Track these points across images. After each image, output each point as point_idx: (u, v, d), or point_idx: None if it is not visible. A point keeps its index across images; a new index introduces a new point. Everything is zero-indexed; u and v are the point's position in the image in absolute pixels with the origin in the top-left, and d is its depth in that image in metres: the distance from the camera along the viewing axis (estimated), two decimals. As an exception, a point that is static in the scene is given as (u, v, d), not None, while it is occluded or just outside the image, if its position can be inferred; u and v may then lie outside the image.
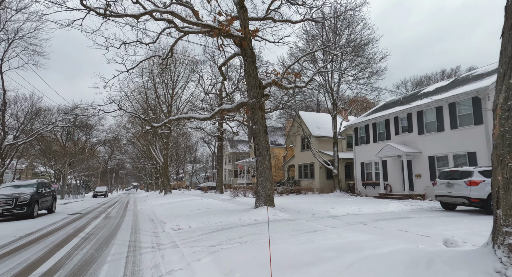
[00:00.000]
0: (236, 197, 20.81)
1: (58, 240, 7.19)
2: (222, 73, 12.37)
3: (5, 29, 18.65)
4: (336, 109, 22.82)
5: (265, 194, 10.67)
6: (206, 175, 69.62)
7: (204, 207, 14.56)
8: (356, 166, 21.34)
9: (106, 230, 8.89)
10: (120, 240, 7.31)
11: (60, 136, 37.68)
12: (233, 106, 11.42)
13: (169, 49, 14.26)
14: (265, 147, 10.85)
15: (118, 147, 59.06)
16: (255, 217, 9.53)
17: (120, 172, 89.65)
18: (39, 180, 14.32)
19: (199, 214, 11.44)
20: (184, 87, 30.47)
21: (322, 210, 10.82)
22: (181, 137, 41.47)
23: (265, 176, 10.72)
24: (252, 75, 10.86)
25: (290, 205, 13.83)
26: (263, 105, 10.98)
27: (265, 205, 10.56)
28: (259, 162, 10.81)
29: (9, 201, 11.60)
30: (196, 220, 9.65)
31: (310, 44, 21.94)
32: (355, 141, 21.68)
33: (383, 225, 7.36)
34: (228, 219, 9.46)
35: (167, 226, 9.17)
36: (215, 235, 7.33)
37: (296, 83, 14.00)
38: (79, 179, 60.93)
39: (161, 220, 10.85)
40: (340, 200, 15.83)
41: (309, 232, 6.87)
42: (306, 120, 27.18)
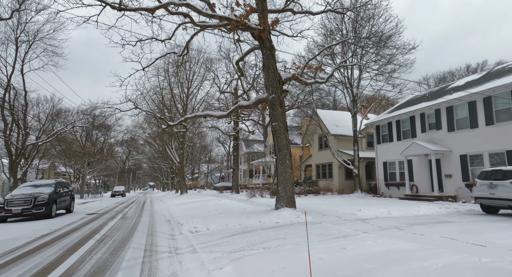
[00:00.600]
0: (252, 197, 20.31)
1: (72, 243, 6.89)
2: (239, 69, 11.88)
3: (25, 31, 19.02)
4: (356, 107, 21.88)
5: (286, 194, 10.09)
6: (221, 175, 69.62)
7: (221, 207, 14.13)
8: (378, 165, 20.35)
9: (122, 231, 8.57)
10: (136, 243, 6.93)
11: (80, 137, 38.49)
12: (251, 103, 10.89)
13: (184, 46, 13.93)
14: (286, 145, 10.27)
15: (135, 147, 60.00)
16: (276, 219, 8.96)
17: (137, 172, 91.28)
18: (57, 180, 14.32)
19: (216, 215, 11.00)
20: (199, 87, 30.33)
21: (347, 212, 10.11)
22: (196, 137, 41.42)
23: (285, 176, 10.13)
24: (272, 69, 10.30)
25: (311, 206, 13.16)
26: (283, 101, 10.40)
27: (286, 207, 9.98)
28: (279, 161, 10.23)
29: (28, 201, 11.57)
30: (214, 222, 9.19)
31: (329, 40, 21.13)
32: (377, 139, 20.69)
33: (422, 231, 6.62)
34: (248, 221, 8.95)
35: (184, 228, 8.76)
36: (236, 239, 6.82)
37: (316, 79, 13.33)
38: (98, 179, 62.34)
39: (178, 221, 10.47)
40: (363, 202, 15.00)
41: (338, 238, 6.24)
42: (324, 118, 26.33)
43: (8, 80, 19.72)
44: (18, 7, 16.14)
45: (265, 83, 10.54)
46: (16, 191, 12.58)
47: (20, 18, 18.49)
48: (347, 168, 24.36)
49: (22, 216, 11.53)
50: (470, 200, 13.56)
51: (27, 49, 19.71)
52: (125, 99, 13.54)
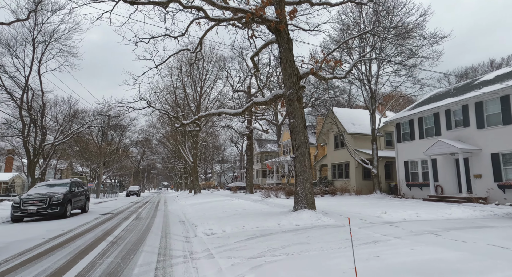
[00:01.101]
0: (267, 197, 19.83)
1: (84, 245, 6.62)
2: (255, 64, 11.42)
3: (42, 31, 19.26)
4: (374, 104, 21.03)
5: (305, 195, 9.55)
6: (234, 174, 69.45)
7: (236, 208, 13.72)
8: (399, 165, 19.44)
9: (135, 233, 8.27)
10: (149, 246, 6.58)
11: (96, 137, 39.13)
12: (267, 99, 10.41)
13: (198, 42, 13.61)
14: (304, 143, 9.73)
15: (149, 147, 60.69)
16: (295, 221, 8.45)
17: (152, 172, 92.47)
18: (72, 179, 14.29)
19: (231, 217, 10.58)
20: (212, 86, 30.12)
21: (371, 215, 9.48)
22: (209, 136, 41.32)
23: (304, 176, 9.60)
24: (289, 64, 9.79)
25: (330, 207, 12.55)
26: (301, 96, 9.87)
27: (306, 208, 9.44)
28: (298, 160, 9.71)
29: (43, 200, 11.51)
30: (229, 224, 8.77)
31: (346, 35, 20.37)
32: (397, 137, 19.78)
33: (462, 237, 5.96)
34: (266, 223, 8.47)
35: (199, 230, 8.38)
36: (254, 243, 6.36)
37: (334, 74, 12.72)
38: (114, 179, 63.43)
39: (192, 222, 10.12)
40: (385, 203, 14.25)
41: (368, 243, 5.67)
42: (340, 116, 25.53)
43: (25, 81, 20.05)
44: (35, 8, 16.30)
45: (282, 78, 10.03)
46: (32, 191, 12.60)
47: (37, 19, 18.77)
48: (364, 167, 23.49)
49: (37, 216, 11.48)
50: (503, 202, 12.59)
51: (44, 50, 20.00)
52: (138, 97, 13.34)
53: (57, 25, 19.17)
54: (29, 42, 19.54)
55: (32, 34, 19.32)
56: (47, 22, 19.05)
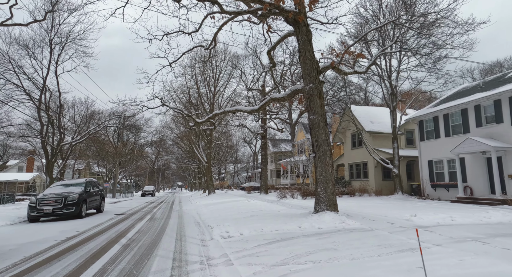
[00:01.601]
0: (283, 198, 19.27)
1: (96, 248, 6.31)
2: (271, 59, 10.93)
3: (58, 33, 19.51)
4: (395, 101, 20.09)
5: (326, 196, 8.97)
6: (248, 174, 69.13)
7: (252, 209, 13.25)
8: (422, 164, 18.44)
9: (149, 235, 7.94)
10: (163, 249, 6.21)
11: (112, 137, 39.71)
12: (285, 95, 9.89)
13: (212, 38, 13.24)
14: (325, 141, 9.15)
15: (164, 148, 61.27)
16: (318, 224, 7.89)
17: (166, 172, 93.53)
18: (88, 179, 14.23)
19: (248, 218, 10.12)
20: (226, 85, 29.83)
21: (399, 218, 8.79)
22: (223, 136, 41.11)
23: (326, 175, 9.02)
24: (309, 57, 9.23)
25: (351, 209, 11.90)
26: (321, 91, 9.29)
27: (327, 210, 8.86)
28: (318, 159, 9.14)
29: (59, 200, 11.43)
30: (247, 226, 8.31)
31: (365, 29, 19.55)
32: (420, 135, 18.78)
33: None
34: (285, 226, 7.95)
35: (215, 232, 7.96)
36: (275, 248, 5.87)
37: (355, 68, 12.05)
38: (130, 179, 64.44)
39: (208, 224, 9.72)
40: (411, 205, 13.42)
41: (404, 251, 5.06)
42: (357, 114, 24.64)
43: (43, 82, 20.35)
44: (51, 9, 16.44)
45: (301, 72, 9.48)
46: (48, 190, 12.58)
47: (54, 20, 19.00)
48: (384, 167, 22.54)
49: (53, 216, 11.41)
50: (543, 205, 11.56)
51: (60, 51, 20.24)
52: (152, 96, 13.10)
53: (73, 25, 19.40)
54: (47, 43, 19.83)
55: (49, 35, 19.62)
56: (64, 23, 19.31)
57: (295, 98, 10.97)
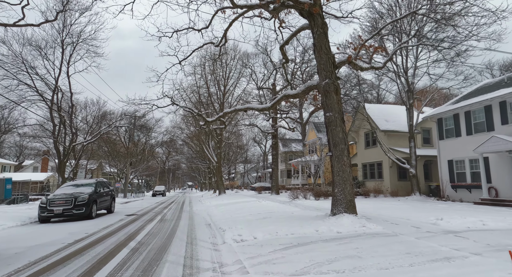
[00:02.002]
0: (295, 199, 18.79)
1: (104, 252, 6.02)
2: (284, 54, 10.50)
3: (70, 33, 19.59)
4: (412, 98, 19.31)
5: (344, 198, 8.47)
6: (258, 175, 68.73)
7: (264, 210, 12.84)
8: (442, 164, 17.63)
9: (159, 238, 7.62)
10: (173, 254, 5.87)
11: (124, 138, 40.03)
12: (300, 91, 9.43)
13: (222, 35, 12.90)
14: (343, 139, 8.66)
15: (174, 148, 61.56)
16: (336, 228, 7.41)
17: (177, 172, 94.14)
18: (98, 179, 14.11)
19: (261, 220, 9.71)
20: (236, 84, 29.51)
21: (424, 221, 8.21)
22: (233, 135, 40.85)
23: (343, 176, 8.52)
24: (324, 51, 8.76)
25: (369, 211, 11.35)
26: (338, 87, 8.80)
27: (346, 212, 8.36)
28: (335, 158, 8.65)
29: (69, 201, 11.29)
30: (260, 229, 7.91)
31: (380, 24, 18.85)
32: (439, 134, 17.97)
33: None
34: (301, 229, 7.51)
35: (227, 236, 7.59)
36: (292, 254, 5.45)
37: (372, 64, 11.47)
38: (141, 179, 65.00)
39: (219, 226, 9.36)
40: (431, 207, 12.75)
41: (439, 260, 4.55)
42: (371, 113, 23.90)
43: (55, 82, 20.49)
44: (62, 9, 16.46)
45: (317, 68, 9.01)
46: (58, 191, 12.49)
47: (65, 21, 19.11)
48: (400, 167, 21.76)
49: (63, 217, 11.28)
50: None
51: (72, 51, 20.36)
52: (162, 94, 12.85)
53: (84, 25, 19.47)
54: (58, 44, 19.97)
55: (61, 36, 19.74)
56: (75, 23, 19.40)
57: (309, 95, 10.50)
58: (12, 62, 18.67)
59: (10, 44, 19.01)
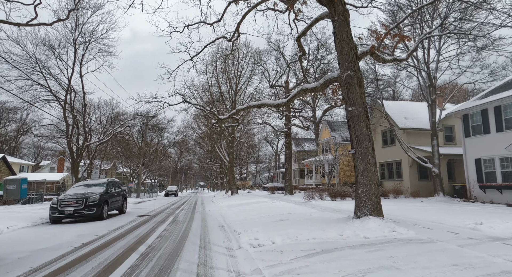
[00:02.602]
0: (311, 199, 18.09)
1: (112, 257, 5.58)
2: (301, 47, 9.88)
3: (82, 32, 19.58)
4: (434, 93, 18.28)
5: (369, 199, 7.78)
6: (270, 175, 68.12)
7: (279, 211, 12.26)
8: (468, 163, 16.56)
9: (170, 241, 7.16)
10: (186, 261, 5.36)
11: (136, 138, 40.26)
12: (319, 84, 8.79)
13: (235, 29, 12.40)
14: (367, 135, 7.97)
15: (186, 148, 61.73)
16: (362, 232, 6.74)
17: (189, 172, 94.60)
18: (109, 179, 13.85)
19: (278, 223, 9.13)
20: (248, 82, 28.99)
21: (460, 226, 7.43)
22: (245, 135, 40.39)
23: (368, 175, 7.83)
24: (346, 40, 8.09)
25: (392, 213, 10.59)
26: (361, 79, 8.11)
27: (371, 215, 7.68)
28: (359, 156, 7.97)
29: (80, 201, 11.01)
30: (278, 232, 7.33)
31: (398, 18, 17.92)
32: (465, 131, 16.90)
33: None
34: (324, 233, 6.88)
35: (243, 239, 7.05)
36: (318, 263, 4.84)
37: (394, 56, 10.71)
38: (154, 179, 65.49)
39: (234, 228, 8.84)
40: (460, 208, 11.84)
41: (497, 275, 3.85)
42: (389, 110, 22.89)
43: (68, 82, 20.53)
44: (74, 7, 16.37)
45: (337, 58, 8.35)
46: (69, 191, 12.26)
47: (77, 20, 19.10)
48: (420, 166, 20.73)
49: (74, 217, 11.01)
50: None
51: (84, 51, 20.34)
52: (173, 92, 12.47)
53: (97, 25, 19.40)
54: (71, 43, 19.99)
55: (73, 35, 19.76)
56: (87, 22, 19.37)
57: (328, 89, 9.84)
58: (26, 62, 18.80)
59: (24, 45, 19.13)
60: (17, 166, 44.54)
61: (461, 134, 17.63)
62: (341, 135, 36.53)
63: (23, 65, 18.50)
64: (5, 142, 55.91)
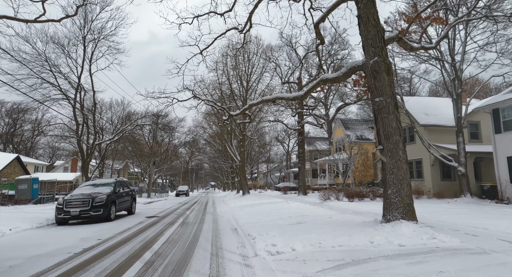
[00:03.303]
0: (327, 200, 17.18)
1: (113, 266, 4.94)
2: (319, 34, 9.05)
3: (91, 29, 19.30)
4: (460, 87, 17.07)
5: (401, 201, 6.91)
6: (281, 174, 67.20)
7: (295, 213, 11.48)
8: (499, 161, 15.33)
9: (179, 247, 6.49)
10: (195, 272, 4.66)
11: (148, 138, 40.18)
12: (340, 74, 7.95)
13: (247, 19, 11.69)
14: (397, 129, 7.10)
15: (197, 148, 61.60)
16: (396, 239, 5.89)
17: (199, 172, 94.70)
18: (117, 179, 13.36)
19: (296, 226, 8.36)
20: (259, 80, 28.26)
21: (509, 232, 6.46)
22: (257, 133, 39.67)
23: (399, 174, 6.96)
24: (372, 23, 7.23)
25: (421, 215, 9.58)
26: (390, 66, 7.24)
27: (403, 219, 6.81)
28: (388, 152, 7.11)
29: (86, 202, 10.52)
30: (298, 237, 6.57)
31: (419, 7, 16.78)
32: (495, 127, 15.66)
33: None
34: (351, 239, 6.07)
35: (259, 245, 6.33)
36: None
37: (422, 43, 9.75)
38: (165, 178, 65.63)
39: (248, 232, 8.12)
40: (495, 211, 10.76)
41: None
42: (409, 106, 21.70)
43: (78, 80, 20.30)
44: (82, 3, 15.99)
45: (362, 44, 7.50)
46: (76, 191, 11.81)
47: (86, 17, 18.84)
48: (443, 165, 19.54)
49: (80, 218, 10.53)
50: None
51: (94, 48, 20.05)
52: (182, 87, 11.87)
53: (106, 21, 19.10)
54: (80, 40, 19.73)
55: (82, 32, 19.49)
56: (96, 19, 19.07)
57: (351, 79, 8.98)
58: (35, 60, 18.63)
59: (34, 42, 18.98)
60: (32, 166, 45.22)
61: (489, 131, 16.39)
62: (355, 134, 35.34)
63: (33, 63, 18.35)
64: (21, 143, 57.13)
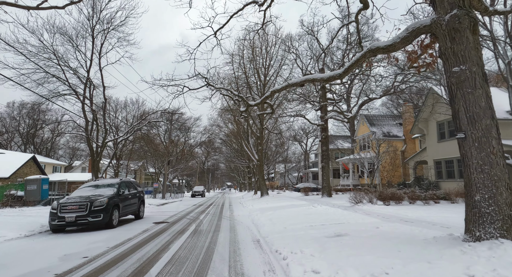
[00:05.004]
0: (359, 203, 15.09)
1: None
2: None
3: (100, 19, 18.11)
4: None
5: (497, 211, 4.86)
6: (299, 175, 64.96)
7: (328, 220, 9.58)
8: None
9: (186, 271, 4.74)
10: None
11: (163, 137, 39.32)
12: (398, 40, 5.95)
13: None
14: (488, 109, 5.07)
15: (213, 147, 60.63)
16: (507, 272, 3.88)
17: (215, 172, 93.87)
18: (122, 179, 11.86)
19: (334, 239, 6.50)
20: (278, 73, 26.36)
21: None
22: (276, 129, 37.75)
23: (492, 172, 4.93)
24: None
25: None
26: (476, 21, 5.21)
27: (503, 237, 4.75)
28: (474, 142, 5.09)
29: (83, 206, 9.03)
30: (348, 260, 4.72)
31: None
32: None
33: None
34: (432, 270, 4.13)
35: (294, 271, 4.52)
36: None
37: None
38: (181, 179, 64.96)
39: (275, 247, 6.30)
40: None
41: None
42: (448, 97, 19.16)
43: (87, 74, 19.21)
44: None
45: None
46: (74, 193, 10.32)
47: (95, 6, 17.67)
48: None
49: (76, 225, 9.05)
50: None
51: (103, 40, 18.91)
52: (194, 72, 10.21)
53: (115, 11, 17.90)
54: (89, 32, 18.63)
55: (91, 23, 18.36)
56: (105, 9, 17.89)
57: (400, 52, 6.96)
58: (43, 54, 17.65)
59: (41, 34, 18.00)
60: (50, 167, 45.42)
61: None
62: (382, 130, 32.70)
63: (40, 56, 17.38)
64: (42, 143, 58.07)
